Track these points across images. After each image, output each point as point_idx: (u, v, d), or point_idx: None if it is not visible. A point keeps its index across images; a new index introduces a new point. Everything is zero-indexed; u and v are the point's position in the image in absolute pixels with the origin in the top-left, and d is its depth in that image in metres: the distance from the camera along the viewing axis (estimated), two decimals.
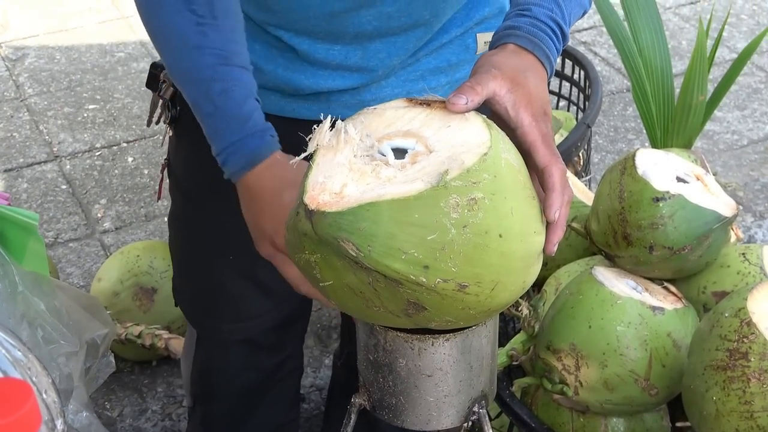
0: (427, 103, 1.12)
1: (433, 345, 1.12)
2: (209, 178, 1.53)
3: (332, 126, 1.08)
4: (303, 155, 1.07)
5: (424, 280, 0.99)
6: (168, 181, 1.76)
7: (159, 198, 1.90)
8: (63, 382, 1.46)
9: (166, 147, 1.74)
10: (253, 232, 1.33)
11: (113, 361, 1.80)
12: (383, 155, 1.05)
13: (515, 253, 1.04)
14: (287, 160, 1.14)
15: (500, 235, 1.01)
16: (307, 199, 1.00)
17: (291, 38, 1.46)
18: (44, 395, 0.70)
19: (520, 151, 1.13)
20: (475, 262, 1.00)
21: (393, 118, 1.11)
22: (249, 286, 1.67)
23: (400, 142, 1.07)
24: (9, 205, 1.67)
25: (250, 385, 1.85)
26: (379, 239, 0.98)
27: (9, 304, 1.53)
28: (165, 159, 1.72)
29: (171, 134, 1.67)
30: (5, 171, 3.27)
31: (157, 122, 1.64)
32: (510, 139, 1.13)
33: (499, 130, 1.10)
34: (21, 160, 3.33)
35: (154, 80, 1.61)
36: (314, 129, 1.09)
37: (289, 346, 1.86)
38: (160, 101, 1.62)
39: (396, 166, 1.03)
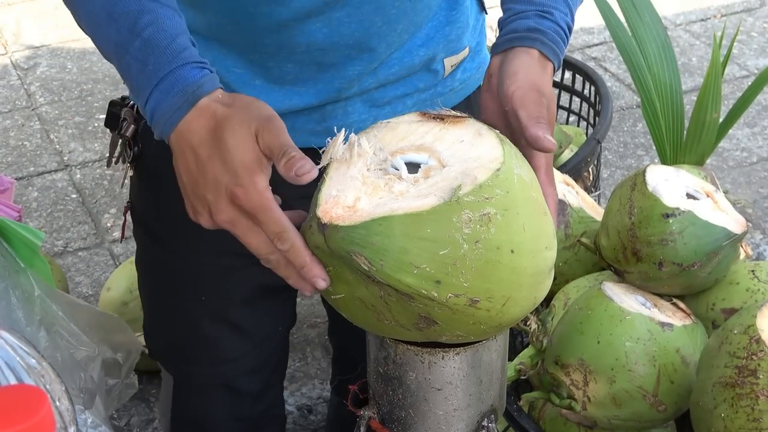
0: (441, 118, 1.12)
1: (443, 359, 1.12)
2: (176, 217, 1.49)
3: (346, 139, 1.08)
4: (318, 166, 1.05)
5: (436, 294, 1.00)
6: (132, 223, 1.70)
7: (122, 239, 1.87)
8: (87, 384, 1.46)
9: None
10: (203, 192, 1.11)
11: (136, 382, 1.79)
12: (396, 169, 1.05)
13: (526, 269, 1.05)
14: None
15: (512, 251, 1.02)
16: (320, 213, 1.00)
17: (242, 54, 1.40)
18: (57, 402, 0.71)
19: None
20: (486, 277, 1.01)
21: (406, 132, 1.11)
22: (223, 328, 1.63)
23: (414, 157, 1.07)
24: (20, 216, 1.68)
25: None
26: (391, 253, 0.98)
27: (26, 310, 1.53)
28: (127, 201, 1.66)
29: (132, 175, 1.61)
30: (16, 179, 3.28)
31: (116, 162, 1.58)
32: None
33: (512, 145, 1.10)
34: (31, 168, 3.34)
35: (113, 119, 1.56)
36: (328, 141, 1.08)
37: (270, 392, 1.82)
38: (120, 140, 1.55)
39: (409, 181, 1.03)
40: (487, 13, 1.57)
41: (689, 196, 1.70)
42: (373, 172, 1.05)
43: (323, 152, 1.08)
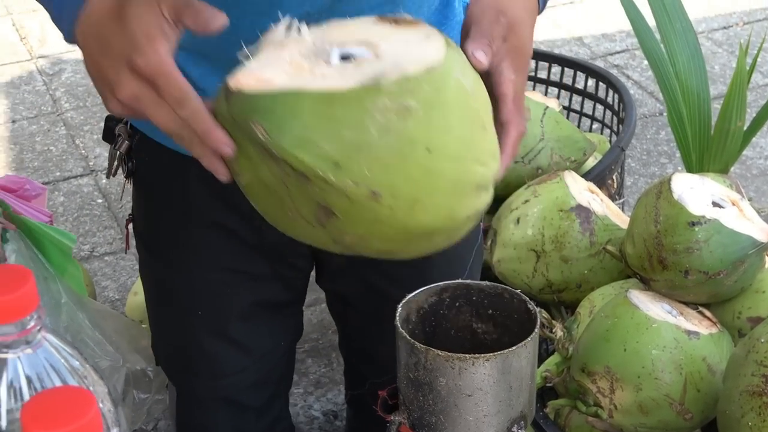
0: (396, 21, 1.08)
1: (473, 365, 1.12)
2: (172, 231, 1.52)
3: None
4: (250, 51, 1.02)
5: (333, 178, 0.94)
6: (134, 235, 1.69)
7: (126, 251, 1.87)
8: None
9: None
10: (105, 73, 1.05)
11: (167, 398, 1.79)
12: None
13: (444, 173, 0.99)
14: None
15: (428, 149, 0.96)
16: (230, 80, 0.97)
17: (225, 66, 1.31)
18: (101, 404, 0.72)
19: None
20: (392, 170, 0.96)
21: (355, 30, 1.07)
22: (221, 343, 1.60)
23: (352, 50, 1.03)
24: (51, 221, 1.69)
25: None
26: (292, 127, 0.94)
27: (53, 317, 1.55)
28: (129, 214, 1.65)
29: (131, 188, 1.60)
30: (42, 184, 3.30)
31: (114, 174, 1.57)
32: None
33: (464, 55, 1.06)
34: (57, 173, 3.36)
35: (110, 133, 1.54)
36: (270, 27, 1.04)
37: (275, 405, 1.78)
38: (117, 154, 1.54)
39: (336, 67, 1.00)
40: None
41: (715, 204, 1.70)
42: (305, 57, 1.02)
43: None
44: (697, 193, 1.72)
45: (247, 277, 1.53)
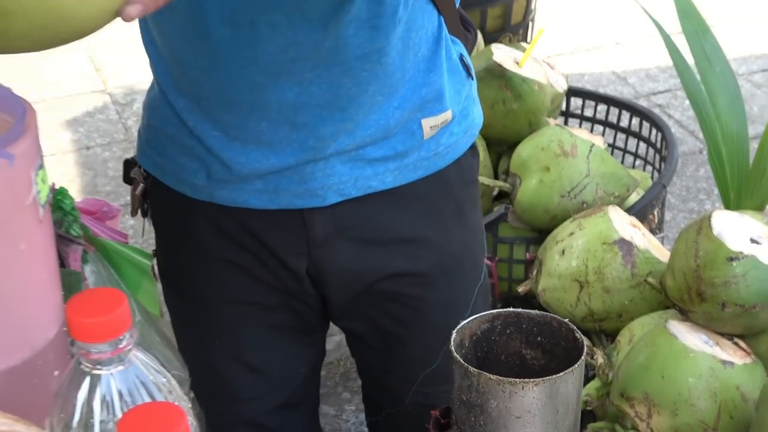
0: None
1: (523, 389, 1.13)
2: (187, 267, 1.52)
3: None
4: None
5: None
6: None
7: (157, 282, 1.86)
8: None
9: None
10: None
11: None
12: None
13: None
14: None
15: None
16: None
17: (220, 116, 1.35)
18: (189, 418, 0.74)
19: None
20: None
21: None
22: (240, 369, 1.57)
23: None
24: (126, 242, 1.72)
25: None
26: None
27: None
28: (153, 249, 1.64)
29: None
30: None
31: (135, 213, 1.59)
32: None
33: None
34: (128, 198, 3.39)
35: (128, 176, 1.56)
36: None
37: (300, 426, 1.72)
38: (135, 195, 1.55)
39: None
40: (473, 79, 1.48)
41: (752, 240, 1.71)
42: None
43: None
44: (735, 229, 1.73)
45: (261, 308, 1.51)
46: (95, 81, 4.08)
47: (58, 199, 1.42)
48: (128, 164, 1.53)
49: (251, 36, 1.24)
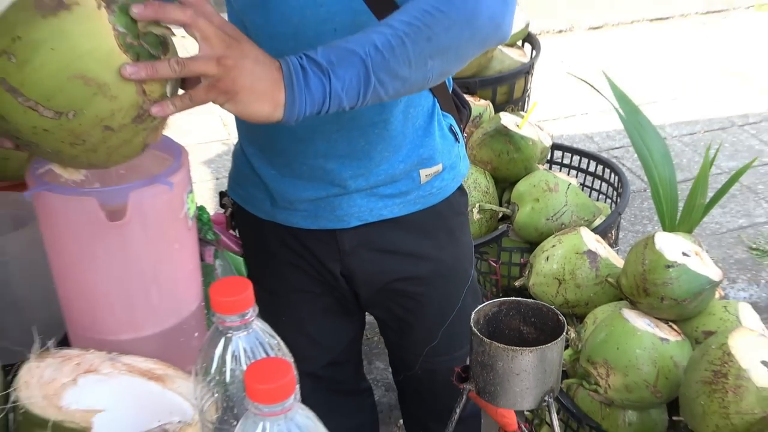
0: None
1: (521, 354, 1.12)
2: (261, 268, 1.48)
3: None
4: None
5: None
6: None
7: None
8: None
9: None
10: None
11: None
12: None
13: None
14: None
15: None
16: None
17: (276, 159, 1.34)
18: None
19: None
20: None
21: None
22: (300, 337, 1.51)
23: None
24: (239, 244, 1.71)
25: (319, 407, 1.66)
26: None
27: None
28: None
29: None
30: None
31: (229, 229, 1.53)
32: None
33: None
34: None
35: (221, 202, 1.51)
36: None
37: (348, 376, 1.67)
38: (227, 217, 1.51)
39: None
40: (459, 142, 1.43)
41: (683, 254, 1.69)
42: None
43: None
44: (672, 245, 1.71)
45: (313, 295, 1.47)
46: (222, 133, 4.07)
47: (199, 213, 1.43)
48: (221, 195, 1.50)
49: None
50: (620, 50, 4.75)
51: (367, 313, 1.58)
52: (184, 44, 0.98)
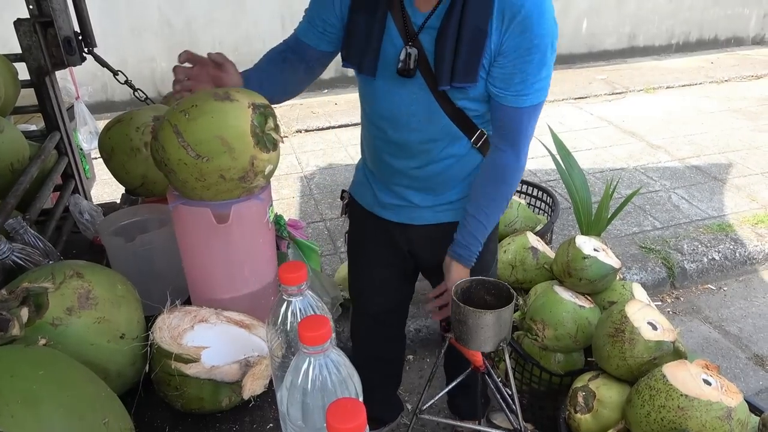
0: None
1: (485, 315, 1.10)
2: (358, 246, 1.47)
3: None
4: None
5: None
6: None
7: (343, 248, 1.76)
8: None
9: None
10: None
11: (340, 308, 1.73)
12: None
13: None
14: None
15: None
16: None
17: (380, 177, 1.34)
18: (331, 323, 0.71)
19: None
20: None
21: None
22: (372, 289, 1.50)
23: None
24: (307, 239, 1.69)
25: (370, 343, 1.61)
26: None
27: (312, 280, 1.54)
28: (346, 232, 1.55)
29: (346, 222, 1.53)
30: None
31: (342, 215, 1.51)
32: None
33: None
34: (308, 221, 3.27)
35: (342, 195, 1.49)
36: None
37: (398, 321, 1.61)
38: (343, 205, 1.49)
39: None
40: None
41: (595, 249, 1.65)
42: None
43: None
44: (587, 244, 1.67)
45: (387, 263, 1.45)
46: (297, 168, 4.07)
47: (277, 219, 1.42)
48: (343, 191, 1.49)
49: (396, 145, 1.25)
50: (553, 118, 4.70)
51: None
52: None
